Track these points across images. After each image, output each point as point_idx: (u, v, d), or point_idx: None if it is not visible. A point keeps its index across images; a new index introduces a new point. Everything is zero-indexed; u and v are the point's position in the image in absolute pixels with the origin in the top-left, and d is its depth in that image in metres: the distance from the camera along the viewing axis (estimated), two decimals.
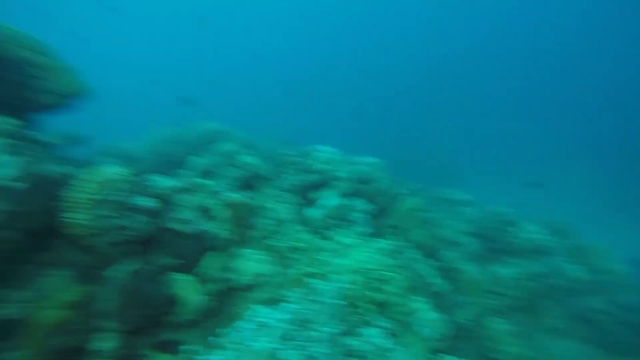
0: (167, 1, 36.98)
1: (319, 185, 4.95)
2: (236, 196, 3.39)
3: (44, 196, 2.63)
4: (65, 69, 3.28)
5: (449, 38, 36.92)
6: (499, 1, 33.42)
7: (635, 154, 25.15)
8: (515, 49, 33.86)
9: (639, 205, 16.10)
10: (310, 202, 4.93)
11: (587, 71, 33.92)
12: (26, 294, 2.47)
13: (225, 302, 3.09)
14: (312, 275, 3.03)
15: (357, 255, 3.04)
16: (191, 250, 2.90)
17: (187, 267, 2.91)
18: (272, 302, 3.10)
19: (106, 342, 2.46)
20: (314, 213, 4.72)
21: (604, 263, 6.62)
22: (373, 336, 2.50)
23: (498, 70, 35.77)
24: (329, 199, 4.82)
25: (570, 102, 33.72)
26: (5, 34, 3.08)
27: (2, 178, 2.33)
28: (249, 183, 4.64)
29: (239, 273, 3.07)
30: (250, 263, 3.12)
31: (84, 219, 2.61)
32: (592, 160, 23.27)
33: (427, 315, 3.40)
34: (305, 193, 4.88)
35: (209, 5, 38.66)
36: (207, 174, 5.25)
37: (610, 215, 14.98)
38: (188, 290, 2.83)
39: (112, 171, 2.81)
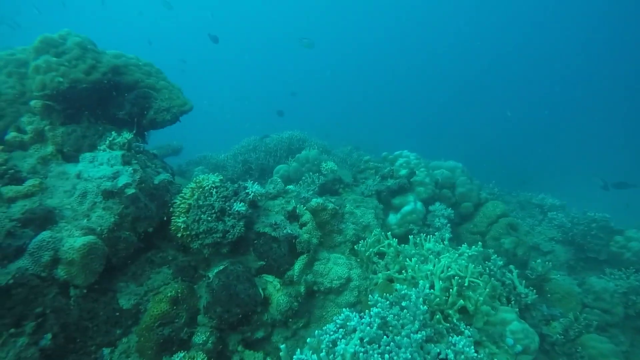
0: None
1: (399, 191, 4.92)
2: (321, 201, 3.51)
3: (153, 201, 2.96)
4: (177, 90, 3.67)
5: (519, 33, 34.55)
6: None
7: None
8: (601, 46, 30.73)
9: None
10: (392, 208, 4.93)
11: None
12: (140, 288, 2.81)
13: (311, 305, 3.21)
14: (397, 281, 3.03)
15: (442, 261, 2.98)
16: (279, 254, 3.06)
17: (276, 270, 3.07)
18: (357, 305, 3.17)
19: (200, 336, 2.70)
20: (396, 218, 4.71)
21: None
22: (459, 344, 2.44)
23: (582, 68, 32.67)
24: (410, 204, 4.78)
25: None
26: (136, 64, 3.56)
27: (125, 185, 2.68)
28: (332, 188, 4.77)
29: (325, 276, 3.17)
30: (337, 267, 3.21)
31: (183, 222, 2.90)
32: None
33: (514, 326, 3.23)
34: (387, 198, 4.88)
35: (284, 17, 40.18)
36: (291, 180, 5.49)
37: None
38: (276, 292, 2.99)
39: (206, 178, 3.08)
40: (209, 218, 2.86)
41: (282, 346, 2.07)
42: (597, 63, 32.48)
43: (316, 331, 2.18)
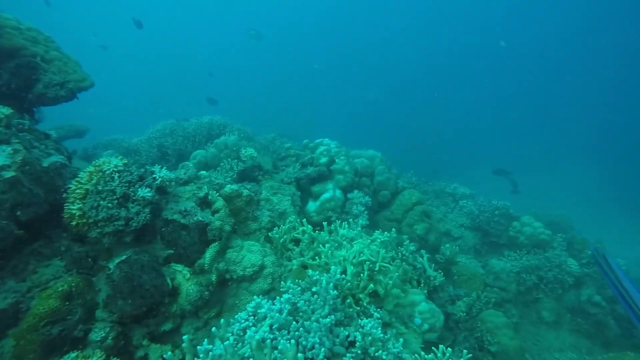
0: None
1: (319, 178, 4.96)
2: (236, 187, 3.40)
3: (41, 186, 2.64)
4: (74, 63, 3.29)
5: (445, 34, 36.84)
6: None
7: (633, 152, 25.35)
8: (515, 45, 33.83)
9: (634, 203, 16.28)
10: (311, 195, 4.95)
11: (584, 68, 33.97)
12: (21, 284, 2.50)
13: (224, 294, 3.12)
14: (311, 267, 3.05)
15: (355, 247, 3.06)
16: (189, 242, 2.91)
17: (186, 258, 2.92)
18: (271, 293, 3.13)
19: (98, 333, 2.48)
20: (315, 206, 4.75)
21: None
22: (367, 326, 2.53)
23: (496, 64, 35.74)
24: (329, 192, 4.84)
25: (569, 98, 33.85)
26: (16, 27, 3.08)
27: (2, 167, 2.34)
28: (251, 176, 4.66)
29: (239, 264, 3.09)
30: (250, 255, 3.14)
31: (79, 209, 2.62)
32: (589, 157, 23.50)
33: (422, 307, 3.43)
34: (306, 186, 4.89)
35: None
36: (209, 166, 5.27)
37: (605, 212, 15.09)
38: (185, 281, 2.85)
39: (107, 161, 2.82)
40: (110, 204, 2.62)
41: (185, 337, 1.96)
42: (506, 62, 35.58)
43: (222, 320, 2.10)
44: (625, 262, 7.25)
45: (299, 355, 1.99)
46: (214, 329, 2.02)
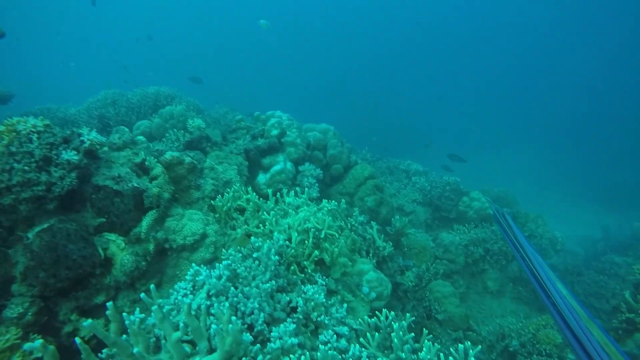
0: None
1: (269, 150, 4.83)
2: (177, 154, 3.21)
3: None
4: None
5: (401, 13, 37.05)
6: None
7: (582, 136, 27.05)
8: (470, 27, 34.75)
9: (576, 184, 17.43)
10: (261, 167, 4.82)
11: (538, 52, 35.46)
12: None
13: (163, 264, 2.96)
14: (255, 235, 2.95)
15: (300, 214, 2.99)
16: (123, 209, 2.71)
17: (119, 227, 2.73)
18: (214, 262, 3.02)
19: (15, 309, 2.28)
20: (265, 178, 4.62)
21: (538, 229, 7.03)
22: (309, 292, 2.48)
23: (450, 46, 36.55)
24: (280, 164, 4.73)
25: (522, 84, 35.34)
26: None
27: None
28: (198, 147, 4.45)
29: (179, 233, 2.94)
30: (192, 223, 2.99)
31: None
32: (535, 141, 24.81)
33: (369, 276, 3.45)
34: (256, 157, 4.75)
35: None
36: (154, 137, 4.98)
37: (545, 192, 16.05)
38: (120, 251, 2.67)
39: (22, 120, 2.55)
40: (27, 168, 2.37)
41: (109, 304, 1.82)
42: (461, 43, 36.43)
43: (151, 286, 1.97)
44: (561, 235, 7.73)
45: (238, 322, 1.92)
46: (142, 295, 1.89)
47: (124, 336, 1.96)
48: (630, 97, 30.93)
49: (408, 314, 2.74)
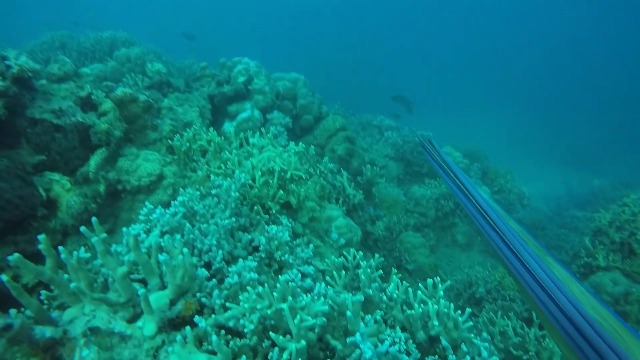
0: None
1: (236, 97, 4.56)
2: (130, 91, 2.92)
3: None
4: None
5: None
6: None
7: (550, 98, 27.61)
8: None
9: (542, 145, 17.90)
10: (227, 115, 4.57)
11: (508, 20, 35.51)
12: None
13: (117, 207, 2.75)
14: (216, 175, 2.76)
15: (264, 153, 2.81)
16: (66, 146, 2.46)
17: (64, 166, 2.48)
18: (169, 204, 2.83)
19: None
20: (231, 126, 4.38)
21: (507, 184, 7.15)
22: (272, 230, 2.35)
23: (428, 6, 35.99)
24: (247, 112, 4.49)
25: (498, 46, 35.46)
26: None
27: None
28: (158, 90, 4.13)
29: (133, 174, 2.71)
30: (147, 163, 2.76)
31: None
32: (505, 102, 25.20)
33: (338, 222, 3.35)
34: (222, 105, 4.48)
35: None
36: (106, 80, 4.60)
37: (514, 151, 16.43)
38: (65, 192, 2.44)
39: None
40: None
41: (41, 236, 1.62)
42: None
43: (93, 219, 1.76)
44: (528, 191, 7.89)
45: (193, 257, 1.77)
46: (82, 228, 1.69)
47: (65, 275, 1.79)
48: (592, 63, 31.74)
49: (377, 254, 2.66)
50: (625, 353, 0.98)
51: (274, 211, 2.65)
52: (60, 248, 1.63)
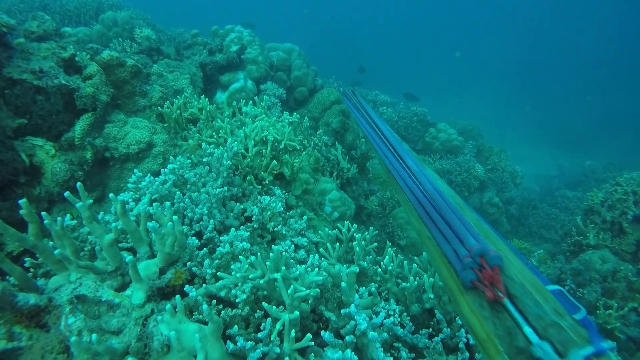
0: None
1: (228, 67, 4.41)
2: (116, 54, 2.78)
3: None
4: None
5: None
6: None
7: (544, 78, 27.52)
8: None
9: (535, 126, 17.93)
10: (220, 85, 4.43)
11: None
12: None
13: (105, 175, 2.66)
14: (208, 144, 2.67)
15: (257, 123, 2.71)
16: (49, 109, 2.33)
17: (47, 130, 2.37)
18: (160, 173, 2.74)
19: None
20: (224, 96, 4.25)
21: (501, 163, 7.14)
22: (265, 201, 2.29)
23: None
24: (240, 82, 4.35)
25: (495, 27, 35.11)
26: None
27: None
28: (147, 57, 3.96)
29: (121, 141, 2.61)
30: (136, 130, 2.65)
31: None
32: (499, 85, 25.11)
33: (332, 195, 3.30)
34: (214, 74, 4.33)
35: None
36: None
37: (511, 133, 16.45)
38: (50, 158, 2.34)
39: None
40: None
41: (22, 201, 1.54)
42: None
43: (78, 184, 1.68)
44: (521, 170, 7.90)
45: (184, 227, 1.70)
46: (66, 193, 1.61)
47: (51, 243, 1.72)
48: (585, 46, 31.66)
49: (371, 227, 2.63)
50: (462, 215, 1.22)
51: (267, 182, 2.58)
52: (44, 213, 1.55)
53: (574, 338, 0.78)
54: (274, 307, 1.46)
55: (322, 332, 1.47)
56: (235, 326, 1.50)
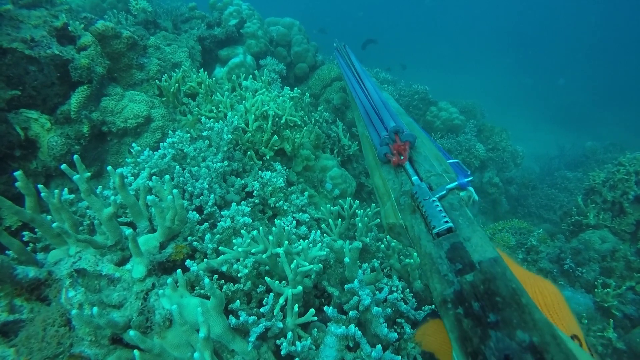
0: None
1: (227, 41, 4.29)
2: (111, 25, 2.69)
3: None
4: None
5: None
6: None
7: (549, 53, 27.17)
8: None
9: (535, 106, 17.78)
10: (218, 60, 4.33)
11: None
12: None
13: (103, 150, 2.61)
14: (208, 118, 2.61)
15: (258, 97, 2.65)
16: (43, 81, 2.26)
17: (42, 103, 2.30)
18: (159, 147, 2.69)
19: None
20: (222, 72, 4.15)
21: (502, 142, 7.07)
22: (266, 176, 2.25)
23: None
24: (239, 57, 4.25)
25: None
26: None
27: None
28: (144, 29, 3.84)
29: (118, 115, 2.55)
30: (134, 104, 2.59)
31: None
32: (499, 63, 24.81)
33: (333, 172, 3.26)
34: (212, 49, 4.22)
35: None
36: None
37: (511, 112, 16.30)
38: (45, 132, 2.29)
39: None
40: None
41: (18, 173, 1.49)
42: None
43: (74, 156, 1.64)
44: (522, 150, 7.84)
45: (184, 201, 1.67)
46: (63, 165, 1.56)
47: (49, 217, 1.69)
48: (583, 25, 31.21)
49: (374, 204, 2.60)
50: (395, 114, 1.29)
51: (267, 157, 2.54)
52: (40, 186, 1.52)
53: (447, 180, 0.95)
54: (277, 282, 1.44)
55: (325, 307, 1.45)
56: (238, 301, 1.49)
